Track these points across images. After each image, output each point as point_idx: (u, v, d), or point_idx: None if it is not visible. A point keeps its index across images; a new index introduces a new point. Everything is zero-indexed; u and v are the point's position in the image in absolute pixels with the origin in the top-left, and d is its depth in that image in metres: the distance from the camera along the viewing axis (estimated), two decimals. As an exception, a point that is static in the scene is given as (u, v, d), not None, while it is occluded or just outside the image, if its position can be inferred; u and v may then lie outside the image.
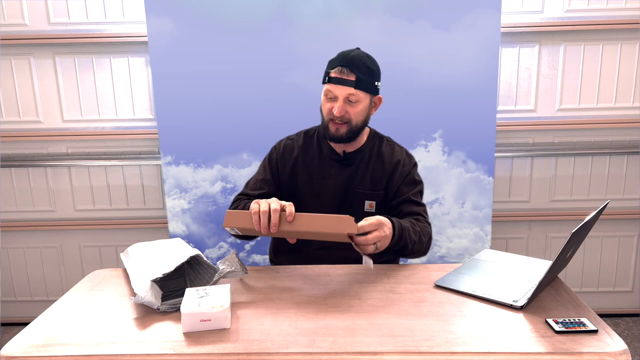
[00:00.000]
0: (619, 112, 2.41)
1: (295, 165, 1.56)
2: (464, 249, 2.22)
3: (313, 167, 1.55)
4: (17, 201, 2.56)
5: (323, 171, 1.54)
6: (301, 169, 1.55)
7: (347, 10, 2.05)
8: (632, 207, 2.52)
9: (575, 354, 0.91)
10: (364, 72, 1.42)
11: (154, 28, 2.07)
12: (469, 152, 2.15)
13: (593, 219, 1.13)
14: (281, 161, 1.57)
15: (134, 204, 2.55)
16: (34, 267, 2.64)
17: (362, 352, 0.93)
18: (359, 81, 1.40)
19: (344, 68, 1.40)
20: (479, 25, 2.04)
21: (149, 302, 1.09)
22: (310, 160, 1.55)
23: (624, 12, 2.30)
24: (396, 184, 1.51)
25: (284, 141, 1.61)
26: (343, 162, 1.52)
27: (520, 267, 1.32)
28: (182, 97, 2.12)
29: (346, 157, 1.52)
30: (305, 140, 1.59)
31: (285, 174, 1.56)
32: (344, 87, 1.40)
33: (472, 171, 2.16)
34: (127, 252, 1.37)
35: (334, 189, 1.52)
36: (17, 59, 2.41)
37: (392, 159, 1.53)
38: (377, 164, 1.53)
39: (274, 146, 1.62)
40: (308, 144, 1.58)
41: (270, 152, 1.62)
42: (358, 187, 1.51)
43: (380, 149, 1.55)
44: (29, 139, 2.48)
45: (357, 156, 1.53)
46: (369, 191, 1.51)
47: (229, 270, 1.20)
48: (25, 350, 0.97)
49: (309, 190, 1.54)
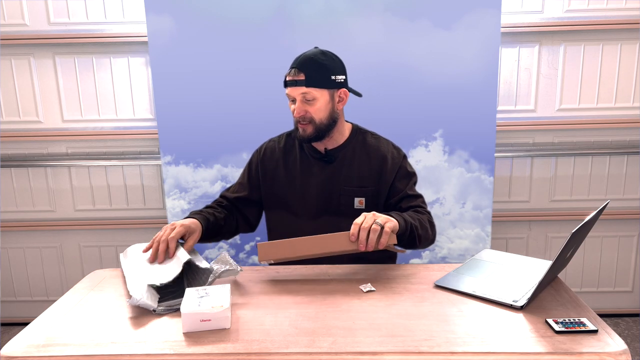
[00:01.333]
0: (619, 112, 2.41)
1: (277, 167, 1.56)
2: (465, 249, 2.22)
3: (295, 168, 1.55)
4: (17, 201, 2.56)
5: (305, 170, 1.54)
6: (283, 170, 1.55)
7: (347, 9, 2.05)
8: (632, 207, 2.52)
9: (575, 354, 0.91)
10: (314, 69, 1.43)
11: (153, 26, 2.07)
12: (469, 152, 2.15)
13: (593, 219, 1.13)
14: (262, 164, 1.58)
15: (134, 204, 2.55)
16: (34, 267, 2.64)
17: (362, 352, 0.93)
18: (308, 79, 1.41)
19: (293, 69, 1.43)
20: (479, 24, 2.04)
21: (144, 304, 1.09)
22: (293, 161, 1.56)
23: (624, 12, 2.30)
24: (389, 179, 1.50)
25: (266, 144, 1.63)
26: (325, 160, 1.52)
27: (520, 267, 1.32)
28: (182, 97, 2.12)
29: (327, 154, 1.52)
30: (287, 141, 1.60)
31: (267, 177, 1.57)
32: (296, 88, 1.43)
33: (472, 171, 2.16)
34: (125, 253, 1.37)
35: (317, 188, 1.51)
36: (17, 59, 2.41)
37: (378, 153, 1.52)
38: (362, 159, 1.52)
39: (257, 149, 1.63)
40: (290, 145, 1.58)
41: (252, 156, 1.63)
42: (345, 184, 1.50)
43: (364, 144, 1.54)
44: (29, 139, 2.48)
45: (340, 153, 1.52)
46: (357, 188, 1.50)
47: (223, 270, 1.20)
48: (25, 350, 0.97)
49: (293, 191, 1.54)
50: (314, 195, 1.52)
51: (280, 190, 1.55)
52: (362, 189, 1.50)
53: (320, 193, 1.51)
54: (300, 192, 1.53)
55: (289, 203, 1.54)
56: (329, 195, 1.51)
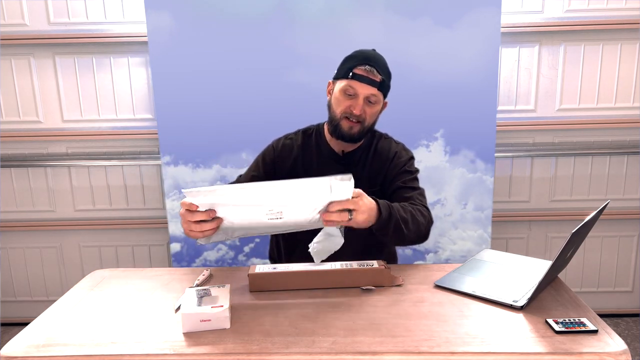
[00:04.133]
0: (619, 112, 2.41)
1: (295, 166, 1.53)
2: (467, 251, 2.21)
3: (312, 168, 1.52)
4: (17, 201, 2.56)
5: (322, 172, 1.50)
6: (300, 169, 1.53)
7: (348, 7, 2.05)
8: (632, 207, 2.52)
9: (575, 354, 0.91)
10: (387, 75, 1.41)
11: (153, 23, 2.06)
12: (469, 153, 2.15)
13: (593, 219, 1.13)
14: (279, 161, 1.54)
15: (133, 204, 2.55)
16: (34, 267, 2.64)
17: (362, 352, 0.93)
18: (382, 83, 1.39)
19: (371, 67, 1.37)
20: (480, 23, 2.03)
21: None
22: (309, 161, 1.53)
23: (624, 12, 2.30)
24: (391, 176, 1.47)
25: (283, 140, 1.58)
26: (342, 162, 1.50)
27: (520, 267, 1.32)
28: (182, 97, 2.12)
29: (345, 157, 1.50)
30: (304, 139, 1.56)
31: (282, 174, 1.53)
32: (369, 87, 1.37)
33: (473, 171, 2.16)
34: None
35: None
36: (17, 59, 2.41)
37: (389, 154, 1.50)
38: (375, 161, 1.50)
39: (272, 145, 1.58)
40: (307, 144, 1.55)
41: (266, 150, 1.58)
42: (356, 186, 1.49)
43: (377, 146, 1.52)
44: (29, 139, 2.48)
45: (356, 156, 1.51)
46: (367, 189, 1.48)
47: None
48: (25, 350, 0.97)
49: None
50: None
51: None
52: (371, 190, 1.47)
53: None
54: None
55: None
56: None
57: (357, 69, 1.38)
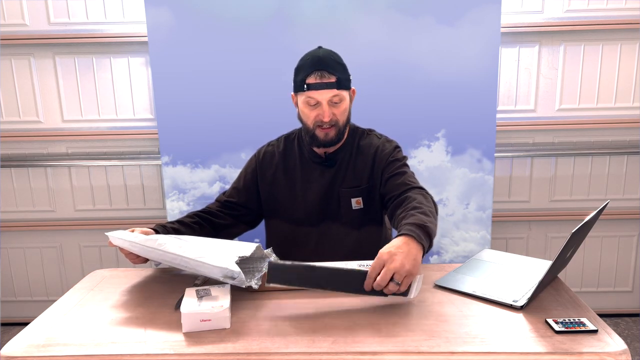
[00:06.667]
0: (619, 112, 2.41)
1: (276, 172, 1.53)
2: (469, 252, 2.20)
3: (295, 173, 1.51)
4: (17, 201, 2.56)
5: (306, 175, 1.51)
6: (282, 175, 1.52)
7: (349, 6, 2.04)
8: (632, 207, 2.52)
9: (575, 354, 0.91)
10: (341, 71, 1.39)
11: (153, 22, 2.05)
12: (469, 153, 2.14)
13: (593, 219, 1.13)
14: (260, 169, 1.54)
15: (134, 204, 2.55)
16: (34, 267, 2.64)
17: (362, 352, 0.93)
18: (339, 81, 1.37)
19: (321, 72, 1.36)
20: (480, 22, 2.03)
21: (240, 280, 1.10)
22: (292, 167, 1.52)
23: (624, 12, 2.30)
24: (379, 170, 1.46)
25: (264, 148, 1.58)
26: (326, 164, 1.49)
27: (520, 267, 1.32)
28: (182, 97, 2.12)
29: (328, 158, 1.49)
30: (286, 145, 1.55)
31: (265, 182, 1.53)
32: (327, 91, 1.36)
33: (474, 171, 2.16)
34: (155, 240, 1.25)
35: (318, 193, 1.48)
36: (17, 59, 2.41)
37: (370, 149, 1.49)
38: (358, 158, 1.49)
39: (255, 154, 1.59)
40: (289, 149, 1.54)
41: (249, 160, 1.59)
42: (342, 186, 1.48)
43: (359, 144, 1.51)
44: (29, 139, 2.48)
45: (339, 155, 1.49)
46: (354, 188, 1.47)
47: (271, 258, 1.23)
48: (25, 350, 0.97)
49: (293, 196, 1.51)
50: (314, 199, 1.49)
51: (280, 195, 1.52)
52: (358, 188, 1.47)
53: (322, 198, 1.48)
54: (301, 198, 1.50)
55: (288, 209, 1.51)
56: (329, 199, 1.48)
57: (309, 79, 1.37)
